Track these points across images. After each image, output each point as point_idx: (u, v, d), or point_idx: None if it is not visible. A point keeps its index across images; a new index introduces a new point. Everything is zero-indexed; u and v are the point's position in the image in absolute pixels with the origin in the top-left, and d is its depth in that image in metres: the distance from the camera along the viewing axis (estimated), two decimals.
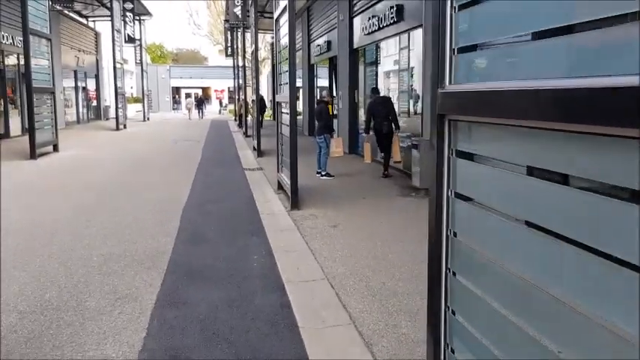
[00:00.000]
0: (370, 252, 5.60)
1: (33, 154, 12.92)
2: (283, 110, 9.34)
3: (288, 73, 7.76)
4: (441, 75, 2.51)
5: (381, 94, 11.30)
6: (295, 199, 7.72)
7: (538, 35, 1.75)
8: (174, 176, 11.02)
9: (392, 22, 11.13)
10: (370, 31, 12.63)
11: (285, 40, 8.78)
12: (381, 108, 10.31)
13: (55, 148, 14.66)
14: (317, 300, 4.36)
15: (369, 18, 12.58)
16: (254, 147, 16.15)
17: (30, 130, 13.01)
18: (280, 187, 9.30)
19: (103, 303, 4.19)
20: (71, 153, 14.72)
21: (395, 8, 10.88)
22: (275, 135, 9.92)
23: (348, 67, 14.68)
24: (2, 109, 18.09)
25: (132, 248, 5.69)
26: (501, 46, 2.21)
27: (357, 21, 14.11)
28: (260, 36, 30.35)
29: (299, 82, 26.00)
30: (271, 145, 15.51)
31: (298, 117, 25.95)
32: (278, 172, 9.45)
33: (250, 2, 15.70)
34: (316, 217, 7.21)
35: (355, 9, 14.16)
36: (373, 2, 12.47)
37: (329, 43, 17.27)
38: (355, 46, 14.38)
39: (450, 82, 2.48)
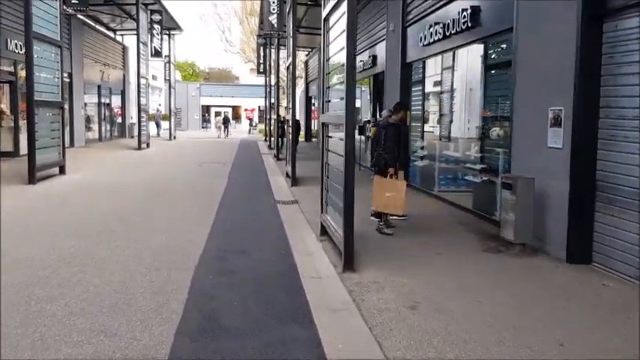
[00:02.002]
0: None
1: (32, 178, 11.09)
2: (331, 134, 7.29)
3: (344, 86, 5.70)
4: None
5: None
6: (350, 259, 5.58)
7: None
8: (191, 211, 9.00)
9: (464, 28, 9.01)
10: (430, 41, 10.54)
11: (337, 44, 6.76)
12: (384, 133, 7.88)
13: (62, 171, 12.85)
14: None
15: (430, 26, 10.50)
16: (287, 173, 14.14)
17: (29, 150, 11.19)
18: (324, 231, 7.19)
19: None
20: (78, 177, 12.87)
21: (469, 11, 8.78)
22: (308, 159, 7.86)
23: (399, 84, 12.58)
24: (13, 124, 16.50)
25: (106, 351, 3.61)
26: None
27: (411, 31, 12.06)
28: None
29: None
30: (305, 171, 13.49)
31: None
32: (322, 212, 7.34)
33: (288, 9, 13.84)
34: (382, 288, 5.04)
35: (410, 17, 12.12)
36: (436, 7, 10.40)
37: (374, 57, 15.24)
38: (409, 60, 12.30)
39: None
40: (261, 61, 31.17)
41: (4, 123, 16.51)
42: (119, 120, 30.71)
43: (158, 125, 37.28)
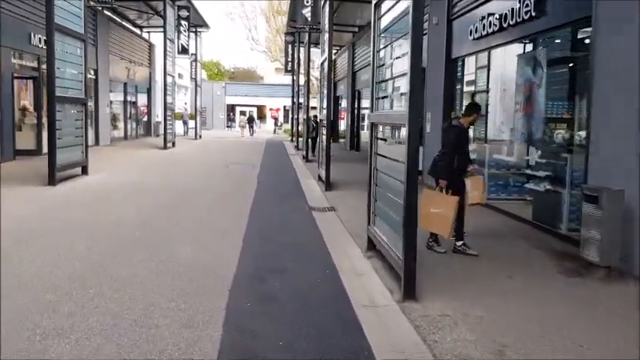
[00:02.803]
0: None
1: (52, 179, 10.43)
2: (381, 135, 6.41)
3: (404, 80, 4.85)
4: None
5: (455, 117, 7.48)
6: (411, 287, 4.70)
7: None
8: (221, 218, 8.22)
9: (526, 18, 8.06)
10: (483, 34, 9.59)
11: (390, 35, 5.93)
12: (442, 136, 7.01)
13: (84, 171, 12.20)
14: None
15: (483, 17, 9.56)
16: (319, 176, 13.31)
17: (50, 149, 10.53)
18: (371, 245, 6.34)
19: None
20: (101, 177, 12.19)
21: (533, 0, 7.83)
22: (339, 160, 7.08)
23: (443, 82, 11.65)
24: (36, 121, 15.97)
25: None
26: None
27: (458, 24, 11.13)
28: (316, 52, 27.68)
29: (368, 102, 23.06)
30: (337, 174, 12.58)
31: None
32: (369, 224, 6.47)
33: (323, 2, 12.99)
34: (455, 324, 4.16)
35: (456, 10, 11.19)
36: None
37: None
38: (455, 56, 11.36)
39: None
40: (289, 59, 30.40)
41: (27, 120, 16.03)
42: (145, 118, 30.27)
43: (185, 124, 36.80)
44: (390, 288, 5.01)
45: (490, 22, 9.27)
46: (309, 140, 20.18)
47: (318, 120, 15.80)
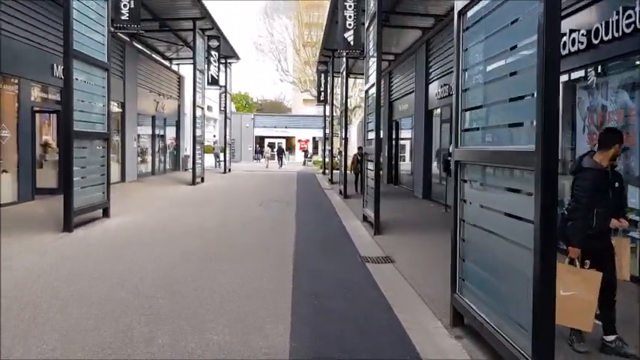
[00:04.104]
0: None
1: (68, 225, 9.20)
2: (473, 178, 4.98)
3: (539, 100, 3.48)
4: None
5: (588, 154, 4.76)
6: None
7: None
8: (260, 277, 6.80)
9: (627, 32, 6.63)
10: (564, 53, 8.18)
11: (490, 45, 4.60)
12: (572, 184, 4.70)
13: (106, 213, 11.00)
14: None
15: (562, 34, 8.16)
16: (364, 217, 11.89)
17: (65, 190, 9.31)
18: (458, 319, 4.92)
19: None
20: (123, 221, 10.85)
21: (638, 8, 6.42)
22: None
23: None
24: (58, 158, 14.98)
25: None
26: None
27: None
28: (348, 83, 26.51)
29: (406, 133, 21.76)
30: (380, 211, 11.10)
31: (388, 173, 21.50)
32: (455, 291, 5.00)
33: (367, 25, 11.75)
34: None
35: None
36: (573, 10, 8.07)
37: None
38: None
39: None
40: (322, 89, 29.32)
41: (48, 156, 15.06)
42: (174, 152, 29.42)
43: (217, 157, 36.03)
44: None
45: (574, 40, 7.87)
46: (354, 175, 19.44)
47: (363, 153, 14.48)
